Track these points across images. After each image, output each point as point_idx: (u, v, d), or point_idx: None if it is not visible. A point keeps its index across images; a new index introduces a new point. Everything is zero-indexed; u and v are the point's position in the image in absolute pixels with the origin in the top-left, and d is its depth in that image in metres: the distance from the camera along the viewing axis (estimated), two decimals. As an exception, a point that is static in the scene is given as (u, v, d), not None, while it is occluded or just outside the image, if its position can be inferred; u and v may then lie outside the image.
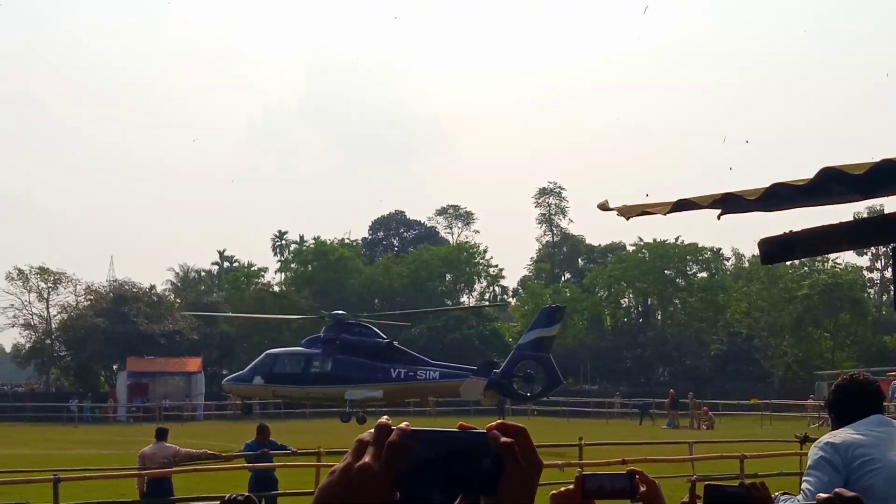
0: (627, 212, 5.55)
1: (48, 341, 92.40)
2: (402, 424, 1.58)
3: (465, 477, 1.53)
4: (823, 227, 5.28)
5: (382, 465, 1.49)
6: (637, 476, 4.17)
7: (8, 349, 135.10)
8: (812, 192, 4.40)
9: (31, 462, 29.60)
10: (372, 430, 1.56)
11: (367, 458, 1.53)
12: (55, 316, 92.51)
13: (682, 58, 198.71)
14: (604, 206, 5.80)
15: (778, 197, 4.61)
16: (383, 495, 1.52)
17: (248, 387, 47.85)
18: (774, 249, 5.51)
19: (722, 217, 5.37)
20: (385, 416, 1.61)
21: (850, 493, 2.18)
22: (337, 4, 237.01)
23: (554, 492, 4.15)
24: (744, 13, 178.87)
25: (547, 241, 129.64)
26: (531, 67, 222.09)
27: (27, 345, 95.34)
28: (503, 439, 1.53)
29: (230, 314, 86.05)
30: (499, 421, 1.59)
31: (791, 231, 5.41)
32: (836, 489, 2.27)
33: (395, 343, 47.39)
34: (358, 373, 45.31)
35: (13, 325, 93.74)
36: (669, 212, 5.25)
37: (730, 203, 4.95)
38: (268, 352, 49.11)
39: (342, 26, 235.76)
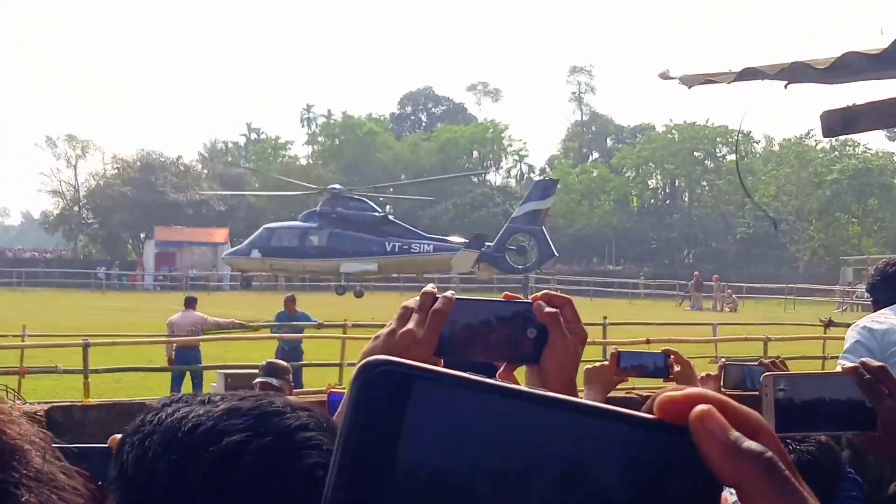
0: (690, 81, 5.35)
1: (76, 208, 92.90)
2: (448, 293, 1.60)
3: (509, 345, 1.57)
4: (891, 99, 5.06)
5: (426, 332, 1.54)
6: (671, 356, 4.12)
7: (36, 216, 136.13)
8: (887, 61, 4.19)
9: (61, 327, 29.90)
10: (417, 298, 1.59)
11: (411, 325, 1.56)
12: (83, 183, 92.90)
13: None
14: (664, 75, 5.60)
15: (848, 67, 4.41)
16: (426, 361, 1.56)
17: (246, 260, 48.72)
18: (836, 122, 5.30)
19: (788, 87, 5.14)
20: (430, 284, 1.63)
21: (876, 363, 2.09)
22: None
23: (589, 367, 4.08)
24: None
25: (576, 121, 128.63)
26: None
27: (55, 212, 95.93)
28: (548, 309, 1.57)
29: (217, 192, 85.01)
30: (545, 291, 1.61)
31: (855, 104, 5.19)
32: (863, 358, 2.17)
33: (390, 216, 47.72)
34: (353, 246, 45.90)
35: (41, 192, 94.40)
36: (734, 81, 5.04)
37: (798, 72, 4.74)
38: (265, 226, 49.98)
39: None
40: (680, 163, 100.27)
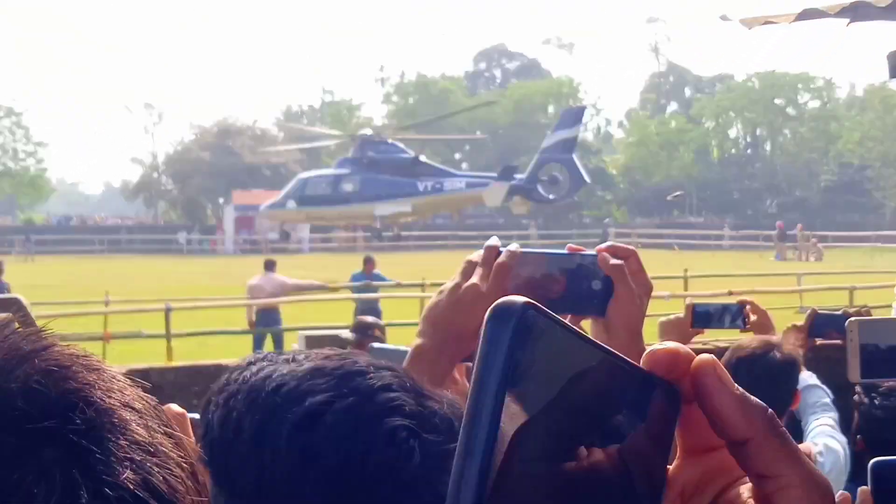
0: (749, 22, 5.16)
1: (155, 175, 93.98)
2: (511, 246, 1.61)
3: (574, 298, 1.57)
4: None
5: (491, 286, 1.55)
6: (747, 306, 3.94)
7: (116, 184, 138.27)
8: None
9: (143, 292, 30.21)
10: (481, 252, 1.59)
11: (475, 279, 1.57)
12: (162, 150, 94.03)
13: None
14: (724, 18, 5.50)
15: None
16: None
17: (282, 211, 49.08)
18: (905, 63, 5.02)
19: (850, 25, 4.91)
20: (494, 237, 1.64)
21: None
22: None
23: (663, 319, 3.89)
24: None
25: (653, 72, 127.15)
26: None
27: (135, 179, 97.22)
28: (613, 261, 1.57)
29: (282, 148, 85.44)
30: (609, 243, 1.61)
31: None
32: None
33: (421, 158, 47.58)
34: (385, 189, 45.91)
35: (121, 161, 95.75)
36: (794, 20, 4.83)
37: (860, 11, 4.54)
38: (299, 175, 49.76)
39: None
40: (761, 111, 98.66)
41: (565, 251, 1.59)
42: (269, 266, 19.43)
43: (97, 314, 18.37)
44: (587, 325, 1.51)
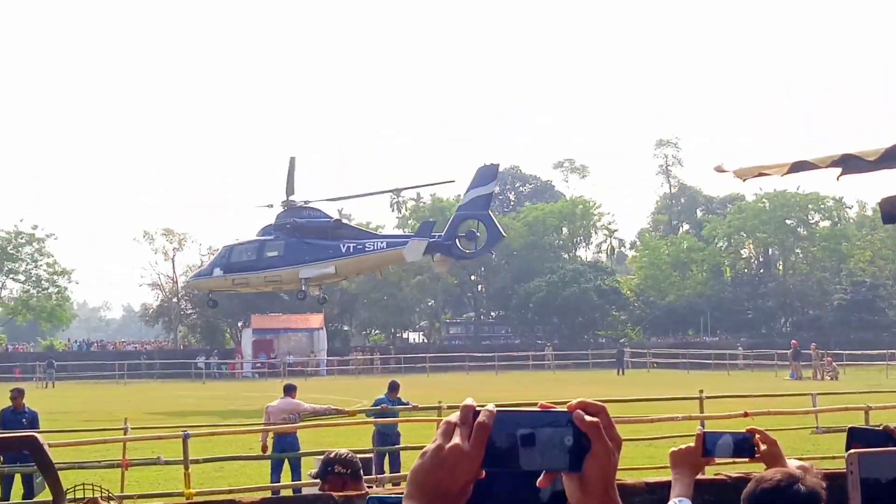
0: (743, 174, 5.55)
1: (174, 300, 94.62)
2: (489, 406, 1.67)
3: (550, 454, 1.62)
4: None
5: (473, 446, 1.59)
6: (757, 435, 4.15)
7: (137, 308, 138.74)
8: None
9: (162, 418, 30.52)
10: (458, 413, 1.68)
11: (456, 439, 1.62)
12: (181, 275, 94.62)
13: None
14: (719, 169, 5.82)
15: (896, 158, 4.56)
16: (475, 474, 1.61)
17: (209, 280, 49.10)
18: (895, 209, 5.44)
19: (841, 178, 5.31)
20: (469, 399, 1.71)
21: None
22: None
23: (673, 449, 4.19)
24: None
25: (664, 193, 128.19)
26: (647, 21, 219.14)
27: (155, 304, 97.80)
28: (588, 419, 1.63)
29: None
30: (580, 399, 1.70)
31: (910, 189, 5.33)
32: None
33: (343, 221, 48.99)
34: (310, 252, 46.64)
35: (141, 285, 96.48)
36: (787, 173, 5.23)
37: (849, 164, 4.90)
38: (225, 245, 49.96)
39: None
40: (772, 231, 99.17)
41: (538, 409, 1.76)
42: (289, 390, 19.62)
43: (116, 441, 18.63)
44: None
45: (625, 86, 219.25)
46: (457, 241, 46.04)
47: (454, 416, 1.65)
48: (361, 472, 7.44)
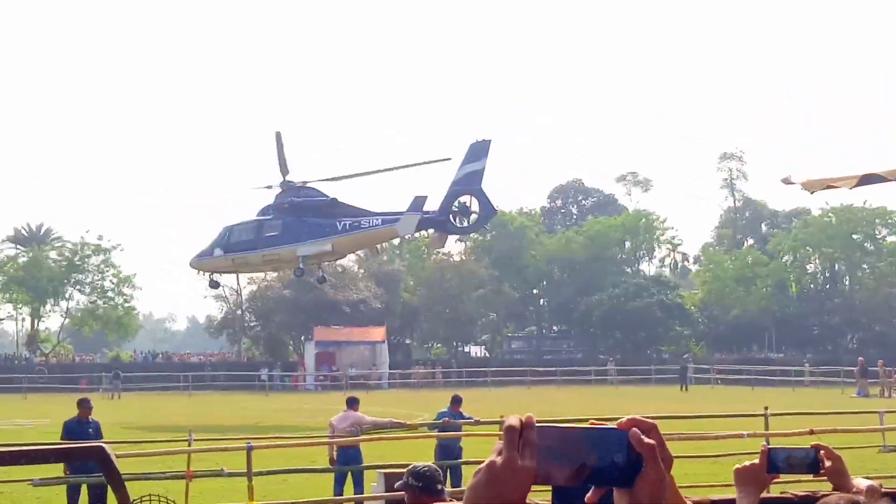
0: (811, 186, 5.50)
1: (238, 312, 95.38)
2: (531, 420, 1.70)
3: (600, 470, 1.65)
4: None
5: (526, 460, 1.63)
6: (822, 451, 4.10)
7: (201, 320, 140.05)
8: None
9: (225, 430, 30.75)
10: (507, 432, 1.70)
11: (509, 455, 1.65)
12: (245, 287, 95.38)
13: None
14: (787, 181, 5.76)
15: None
16: (529, 488, 1.64)
17: (210, 260, 49.78)
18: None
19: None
20: (512, 418, 1.73)
21: None
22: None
23: (738, 466, 4.15)
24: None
25: (729, 207, 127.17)
26: (711, 35, 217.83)
27: (219, 316, 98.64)
28: (645, 440, 1.66)
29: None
30: (631, 417, 1.71)
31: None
32: None
33: (338, 199, 48.16)
34: (306, 230, 47.32)
35: (206, 297, 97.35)
36: (856, 186, 5.18)
37: None
38: (225, 225, 50.45)
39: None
40: (838, 246, 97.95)
41: (589, 426, 1.77)
42: (351, 403, 19.68)
43: (180, 452, 18.79)
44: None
45: (689, 98, 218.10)
46: (451, 216, 46.14)
47: (512, 419, 1.68)
48: (439, 486, 7.58)
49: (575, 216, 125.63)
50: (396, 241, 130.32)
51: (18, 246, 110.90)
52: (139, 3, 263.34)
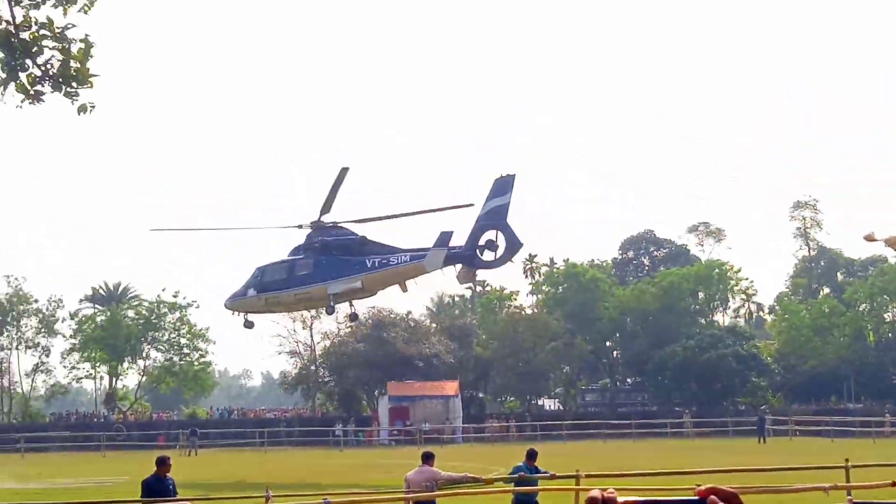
0: (895, 244, 5.54)
1: (313, 367, 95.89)
2: (613, 498, 1.81)
3: None
4: None
5: None
6: None
7: (276, 376, 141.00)
8: None
9: (301, 486, 30.93)
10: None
11: None
12: (319, 343, 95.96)
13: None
14: (870, 238, 5.82)
15: None
16: None
17: (244, 301, 50.32)
18: None
19: None
20: (594, 491, 1.85)
21: None
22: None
23: None
24: None
25: (803, 256, 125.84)
26: (786, 84, 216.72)
27: (293, 371, 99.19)
28: None
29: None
30: (710, 486, 1.82)
31: None
32: None
33: (367, 237, 48.95)
34: (337, 268, 48.02)
35: (280, 353, 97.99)
36: None
37: None
38: (257, 266, 51.00)
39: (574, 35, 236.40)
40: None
41: (667, 498, 1.85)
42: (427, 458, 19.70)
43: (259, 510, 18.95)
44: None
45: (760, 147, 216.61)
46: (477, 251, 46.34)
47: (595, 492, 1.79)
48: None
49: (647, 267, 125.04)
50: (468, 295, 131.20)
51: (96, 305, 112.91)
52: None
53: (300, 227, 49.93)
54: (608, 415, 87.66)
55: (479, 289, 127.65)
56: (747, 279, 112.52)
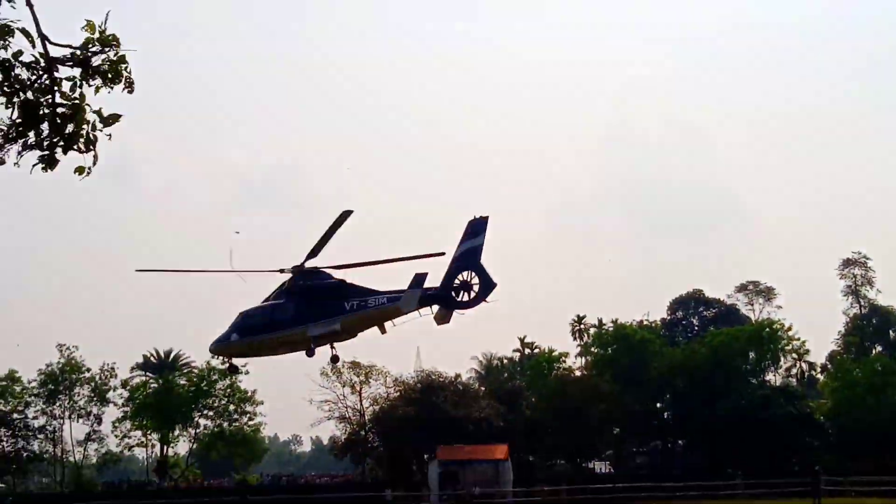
0: None
1: (362, 433, 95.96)
2: None
3: None
4: None
5: None
6: None
7: (325, 441, 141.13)
8: None
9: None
10: None
11: None
12: (368, 408, 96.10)
13: None
14: None
15: None
16: None
17: (228, 345, 51.02)
18: None
19: None
20: None
21: None
22: (626, 85, 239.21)
23: None
24: None
25: (854, 314, 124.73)
26: (832, 136, 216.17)
27: (343, 437, 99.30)
28: None
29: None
30: None
31: None
32: None
33: (346, 281, 49.88)
34: (316, 311, 48.83)
35: (329, 419, 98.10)
36: None
37: None
38: (240, 311, 52.25)
39: (631, 103, 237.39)
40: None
41: None
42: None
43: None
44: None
45: (807, 204, 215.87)
46: (452, 292, 47.29)
47: None
48: None
49: (696, 327, 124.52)
50: (516, 357, 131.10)
51: (148, 373, 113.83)
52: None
53: (282, 271, 51.10)
54: (659, 476, 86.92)
55: (527, 351, 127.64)
56: (799, 339, 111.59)
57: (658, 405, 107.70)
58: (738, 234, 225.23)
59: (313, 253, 49.75)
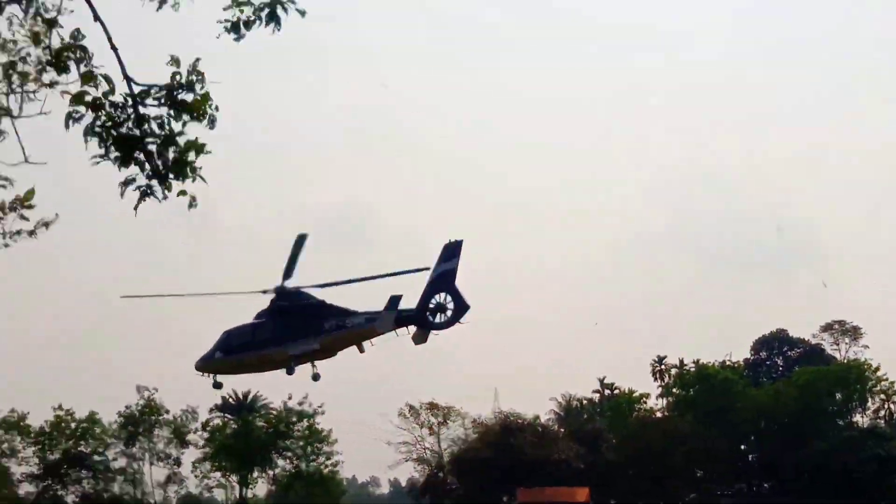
0: None
1: (440, 474, 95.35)
2: None
3: None
4: None
5: None
6: None
7: (403, 483, 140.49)
8: None
9: None
10: None
11: None
12: (446, 449, 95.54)
13: None
14: None
15: None
16: None
17: (212, 363, 52.77)
18: None
19: None
20: None
21: None
22: (701, 118, 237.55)
23: None
24: None
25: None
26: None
27: (421, 479, 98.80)
28: None
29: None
30: None
31: None
32: None
33: (326, 302, 51.83)
34: (296, 330, 50.82)
35: (407, 460, 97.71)
36: None
37: None
38: (224, 330, 53.33)
39: (707, 141, 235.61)
40: None
41: None
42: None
43: None
44: None
45: (892, 241, 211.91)
46: (427, 313, 49.33)
47: None
48: None
49: (780, 367, 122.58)
50: (596, 398, 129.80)
51: (227, 415, 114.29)
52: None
53: (264, 292, 52.13)
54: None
55: (607, 392, 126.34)
56: (887, 379, 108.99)
57: (742, 447, 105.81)
58: (822, 272, 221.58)
59: (286, 275, 51.28)
